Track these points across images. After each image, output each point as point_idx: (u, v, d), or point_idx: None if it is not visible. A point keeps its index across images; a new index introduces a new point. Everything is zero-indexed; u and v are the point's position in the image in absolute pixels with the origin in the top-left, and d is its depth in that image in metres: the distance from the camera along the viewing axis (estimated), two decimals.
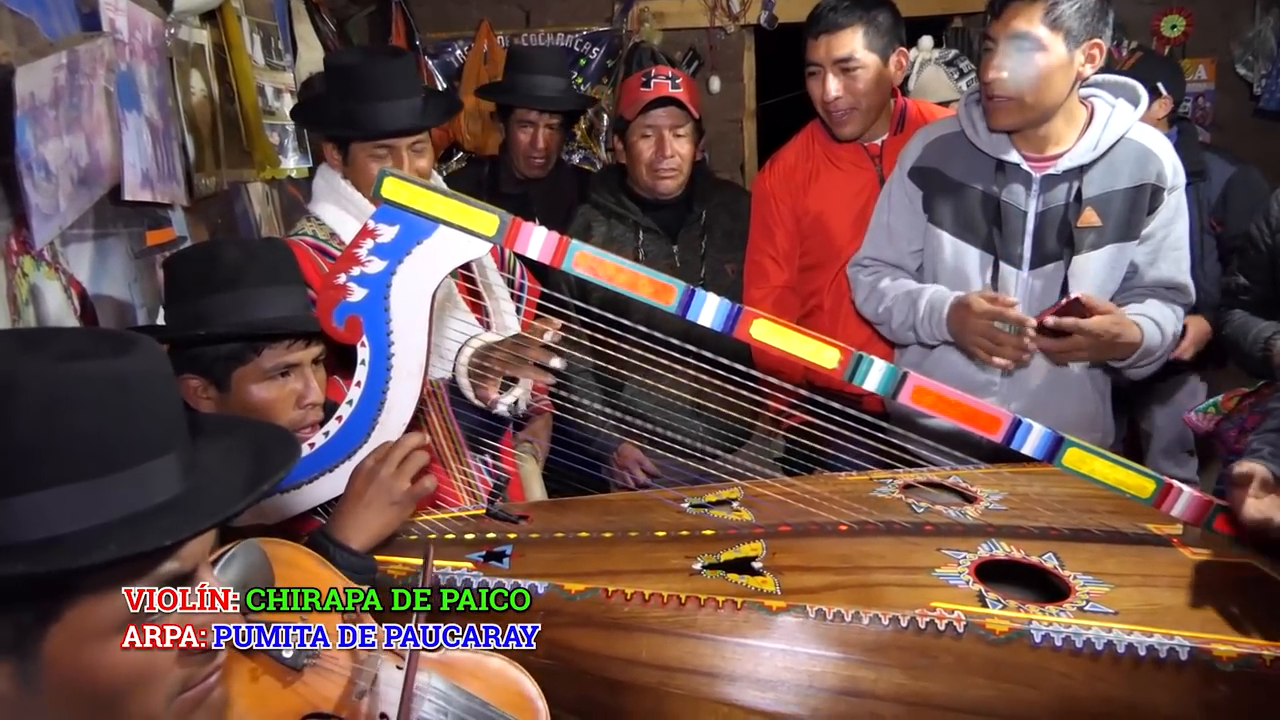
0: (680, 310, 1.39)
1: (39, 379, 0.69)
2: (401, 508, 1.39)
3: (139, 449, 0.73)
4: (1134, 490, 1.43)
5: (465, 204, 1.38)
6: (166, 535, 0.72)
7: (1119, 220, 1.98)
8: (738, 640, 1.27)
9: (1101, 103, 2.00)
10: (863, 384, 1.41)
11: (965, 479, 1.73)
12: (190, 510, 0.75)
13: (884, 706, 1.22)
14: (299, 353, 1.49)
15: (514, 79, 2.84)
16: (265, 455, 0.86)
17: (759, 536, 1.47)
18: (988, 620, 1.26)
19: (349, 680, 1.09)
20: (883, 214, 2.21)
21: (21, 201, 1.48)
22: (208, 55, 2.42)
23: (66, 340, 0.76)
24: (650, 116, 2.41)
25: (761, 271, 2.49)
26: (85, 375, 0.71)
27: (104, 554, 0.68)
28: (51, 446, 0.69)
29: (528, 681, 1.18)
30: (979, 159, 2.04)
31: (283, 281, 1.51)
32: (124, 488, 0.72)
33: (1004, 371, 2.03)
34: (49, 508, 0.69)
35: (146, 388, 0.75)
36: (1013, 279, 2.04)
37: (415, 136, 1.90)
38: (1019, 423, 1.41)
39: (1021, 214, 2.01)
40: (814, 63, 2.30)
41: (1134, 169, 1.97)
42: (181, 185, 2.14)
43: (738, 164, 4.68)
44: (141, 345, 0.77)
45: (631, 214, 2.52)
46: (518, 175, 2.88)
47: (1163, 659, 1.22)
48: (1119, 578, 1.37)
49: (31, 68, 1.49)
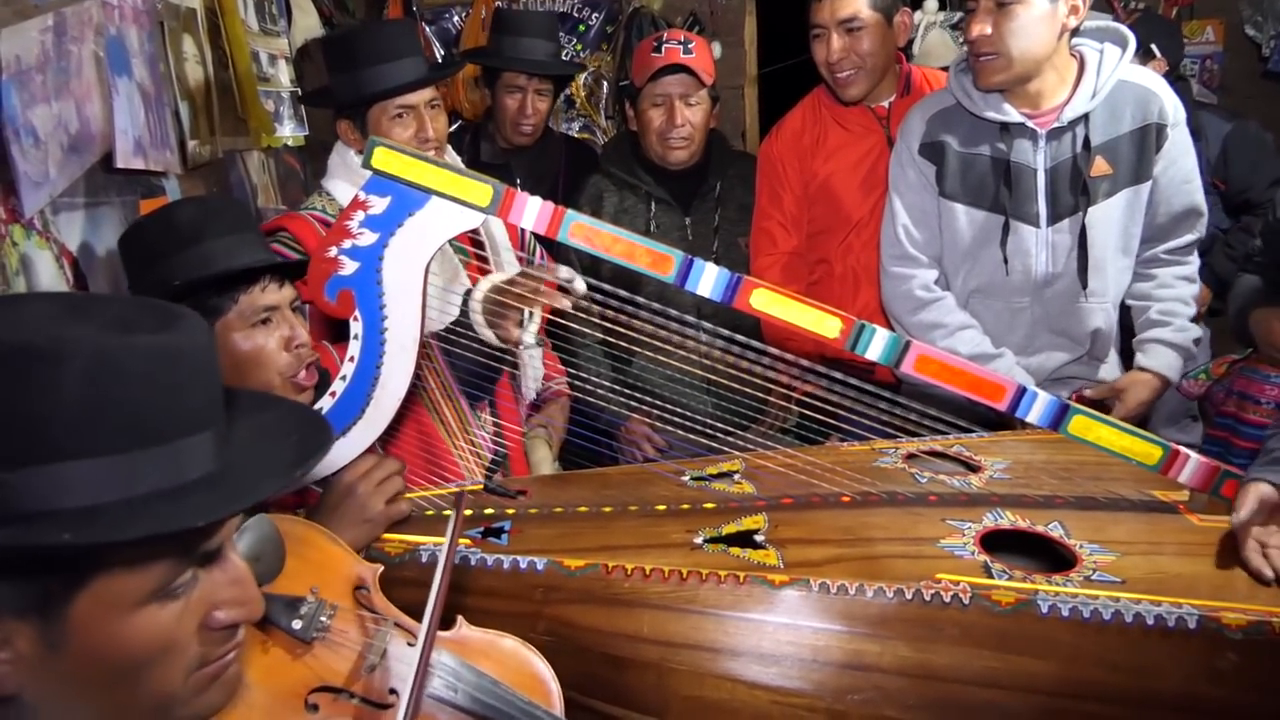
0: (679, 280, 1.37)
1: (87, 348, 0.68)
2: (373, 526, 1.38)
3: (180, 424, 0.73)
4: (1140, 457, 1.41)
5: (458, 174, 1.35)
6: (202, 514, 0.71)
7: (1129, 164, 1.99)
8: (740, 615, 1.26)
9: (1090, 50, 2.00)
10: (865, 353, 1.38)
11: (968, 448, 1.71)
12: (228, 490, 0.74)
13: (889, 680, 1.21)
14: (274, 295, 1.45)
15: (500, 41, 2.73)
16: (300, 437, 0.85)
17: (761, 509, 1.46)
18: (993, 591, 1.24)
19: (359, 654, 1.08)
20: (902, 196, 2.16)
21: (9, 169, 1.46)
22: (200, 20, 2.38)
23: (115, 309, 0.75)
24: (661, 84, 2.37)
25: (769, 238, 2.44)
26: (133, 347, 0.70)
27: (142, 529, 0.68)
28: (95, 416, 0.68)
29: (540, 662, 1.17)
30: (981, 126, 2.03)
31: (241, 229, 1.49)
32: (161, 462, 0.72)
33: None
34: (87, 477, 0.68)
35: (191, 362, 0.74)
36: (1032, 238, 2.04)
37: (431, 94, 1.88)
38: (1023, 390, 1.39)
39: (1032, 171, 2.01)
40: (818, 24, 2.27)
41: (1135, 110, 1.98)
42: (175, 153, 2.11)
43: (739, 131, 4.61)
44: (187, 320, 0.76)
45: (644, 184, 2.47)
46: (502, 144, 2.79)
47: (1171, 628, 1.20)
48: (1126, 546, 1.36)
49: (15, 29, 1.46)
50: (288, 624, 1.07)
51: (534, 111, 2.70)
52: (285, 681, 1.05)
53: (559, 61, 2.87)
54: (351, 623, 1.12)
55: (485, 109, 2.89)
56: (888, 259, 2.19)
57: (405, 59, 1.86)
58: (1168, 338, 2.07)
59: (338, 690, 1.06)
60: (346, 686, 1.06)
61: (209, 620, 0.78)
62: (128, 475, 0.70)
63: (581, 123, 4.51)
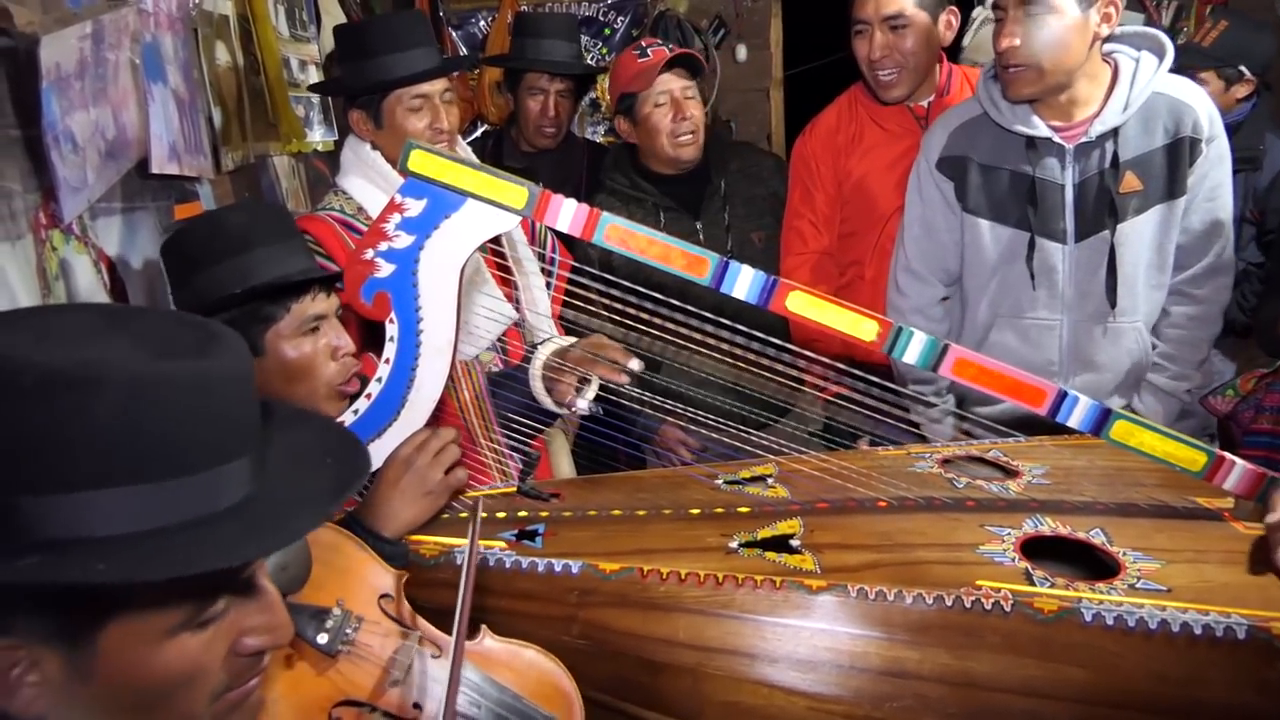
0: (714, 283, 1.36)
1: (123, 374, 0.67)
2: (435, 498, 1.36)
3: (215, 452, 0.71)
4: (1184, 463, 1.38)
5: (494, 176, 1.35)
6: (238, 554, 0.71)
7: (1161, 180, 1.93)
8: (777, 620, 1.25)
9: (1125, 58, 1.93)
10: (902, 357, 1.37)
11: (1005, 453, 1.69)
12: (264, 524, 0.73)
13: (929, 687, 1.20)
14: (323, 303, 1.47)
15: (522, 44, 2.75)
16: (337, 461, 0.83)
17: (796, 513, 1.44)
18: (1036, 599, 1.22)
19: (384, 669, 1.08)
20: (915, 208, 2.14)
21: (49, 174, 1.47)
22: (232, 26, 2.40)
23: (153, 328, 0.73)
24: (660, 83, 2.35)
25: (799, 236, 2.41)
26: (170, 374, 0.69)
27: (174, 567, 0.67)
28: (128, 445, 0.67)
29: (562, 674, 1.17)
30: (1007, 138, 1.98)
31: (287, 238, 1.50)
32: (195, 491, 0.70)
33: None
34: (118, 506, 0.67)
35: (228, 389, 0.73)
36: (1058, 254, 1.98)
37: (445, 85, 1.88)
38: (1064, 395, 1.37)
39: (1059, 188, 1.95)
40: (862, 20, 2.23)
41: (1169, 123, 1.91)
42: (208, 158, 2.13)
43: (764, 134, 4.61)
44: (226, 342, 0.75)
45: (649, 195, 2.45)
46: (525, 148, 2.79)
47: (1219, 637, 1.18)
48: (1170, 553, 1.33)
49: (56, 37, 1.47)
50: (313, 637, 1.06)
51: (556, 113, 2.70)
52: (309, 696, 1.04)
53: (579, 62, 2.87)
54: (376, 635, 1.12)
55: (510, 114, 2.90)
56: (895, 267, 2.19)
57: (419, 49, 1.86)
58: (1160, 384, 2.05)
59: (361, 704, 1.05)
60: (370, 701, 1.06)
61: (237, 646, 0.77)
62: (160, 504, 0.68)
63: (607, 125, 4.52)
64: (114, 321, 0.73)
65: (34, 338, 0.68)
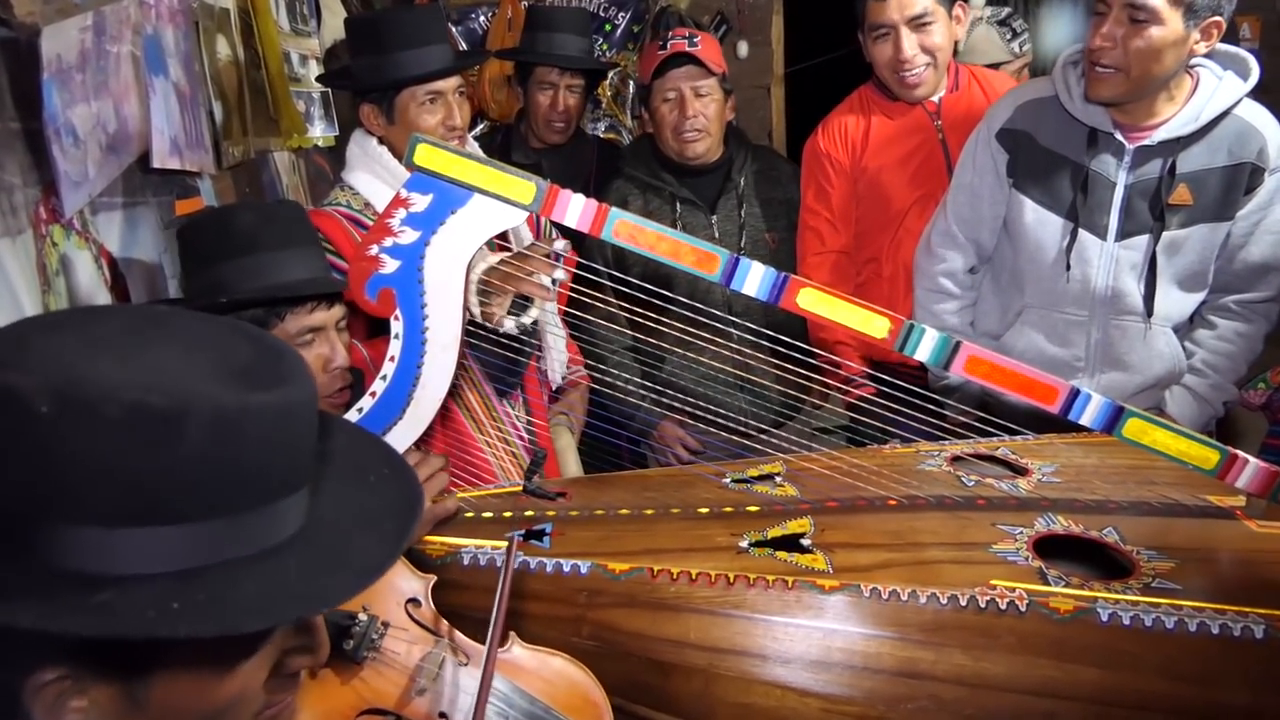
0: (724, 279, 1.34)
1: (208, 407, 0.64)
2: (420, 525, 1.36)
3: (283, 484, 0.70)
4: (1198, 461, 1.37)
5: (501, 171, 1.33)
6: (298, 608, 0.69)
7: (1213, 199, 1.89)
8: (789, 620, 1.23)
9: (1208, 74, 1.88)
10: (914, 354, 1.35)
11: (1015, 450, 1.68)
12: (332, 564, 0.71)
13: (943, 688, 1.18)
14: (322, 315, 1.45)
15: (533, 38, 2.71)
16: (380, 481, 0.80)
17: (806, 512, 1.43)
18: (1051, 598, 1.21)
19: (409, 677, 1.06)
20: (966, 174, 2.12)
21: (50, 169, 1.45)
22: (233, 20, 2.38)
23: (223, 349, 0.70)
24: (669, 78, 2.33)
25: (817, 235, 2.39)
26: (257, 409, 0.66)
27: (232, 623, 0.65)
28: (206, 480, 0.65)
29: (592, 684, 1.15)
30: (1072, 126, 1.95)
31: (299, 243, 1.47)
32: (260, 524, 0.69)
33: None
34: (185, 542, 0.65)
35: (300, 422, 0.71)
36: (1095, 249, 1.97)
37: (458, 82, 1.87)
38: (1077, 393, 1.36)
39: (1110, 184, 1.93)
40: (883, 25, 2.20)
41: (1234, 146, 1.87)
42: (210, 153, 2.11)
43: (765, 131, 4.59)
44: (295, 365, 0.72)
45: (668, 185, 2.44)
46: (534, 143, 2.77)
47: (1236, 637, 1.17)
48: (1184, 552, 1.32)
49: (58, 28, 1.45)
50: (339, 644, 1.05)
51: (566, 108, 2.68)
52: (334, 705, 1.03)
53: (592, 58, 2.84)
54: (403, 641, 1.10)
55: (516, 111, 2.88)
56: (931, 230, 2.17)
57: (434, 45, 1.84)
58: (1199, 389, 2.02)
59: (386, 713, 1.04)
60: (395, 710, 1.04)
61: (279, 667, 0.76)
62: (224, 539, 0.67)
63: (607, 123, 4.50)
64: (191, 345, 0.70)
65: (114, 360, 0.65)
